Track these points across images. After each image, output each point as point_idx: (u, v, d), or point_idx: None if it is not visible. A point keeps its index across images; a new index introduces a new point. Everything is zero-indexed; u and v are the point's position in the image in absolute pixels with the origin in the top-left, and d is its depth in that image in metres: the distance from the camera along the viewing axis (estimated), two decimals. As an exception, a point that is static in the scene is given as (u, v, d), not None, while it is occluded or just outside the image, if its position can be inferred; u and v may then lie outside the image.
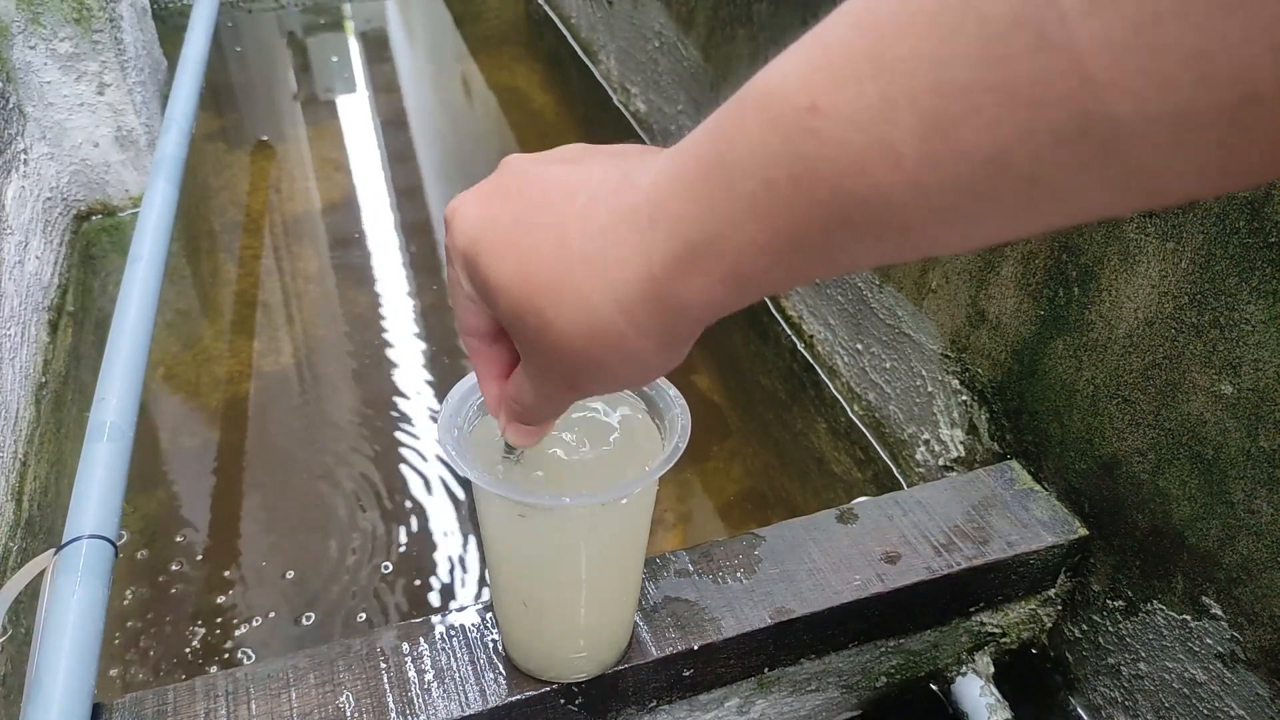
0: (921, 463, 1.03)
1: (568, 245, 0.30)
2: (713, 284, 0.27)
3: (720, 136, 0.26)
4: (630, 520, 0.55)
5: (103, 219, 1.54)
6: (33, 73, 1.39)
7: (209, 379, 1.26)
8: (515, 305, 0.31)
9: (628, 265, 0.28)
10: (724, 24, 1.35)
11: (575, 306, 0.30)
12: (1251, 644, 0.67)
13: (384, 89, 2.07)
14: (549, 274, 0.30)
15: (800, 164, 0.23)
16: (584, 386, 0.33)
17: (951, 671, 0.85)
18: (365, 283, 1.45)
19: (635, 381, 0.32)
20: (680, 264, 0.27)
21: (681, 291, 0.28)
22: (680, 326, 0.29)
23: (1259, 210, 0.60)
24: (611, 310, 0.29)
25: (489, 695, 0.62)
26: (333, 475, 1.11)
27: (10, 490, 1.00)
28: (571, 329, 0.30)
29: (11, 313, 1.12)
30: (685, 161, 0.27)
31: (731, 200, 0.25)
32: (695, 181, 0.26)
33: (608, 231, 0.29)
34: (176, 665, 0.91)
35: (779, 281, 0.27)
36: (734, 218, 0.25)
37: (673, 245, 0.27)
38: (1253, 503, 0.64)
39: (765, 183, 0.24)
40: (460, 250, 0.34)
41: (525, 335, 0.32)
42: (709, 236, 0.26)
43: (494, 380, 0.40)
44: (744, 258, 0.26)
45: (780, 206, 0.24)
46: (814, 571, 0.72)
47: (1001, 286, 0.86)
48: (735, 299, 0.28)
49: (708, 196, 0.26)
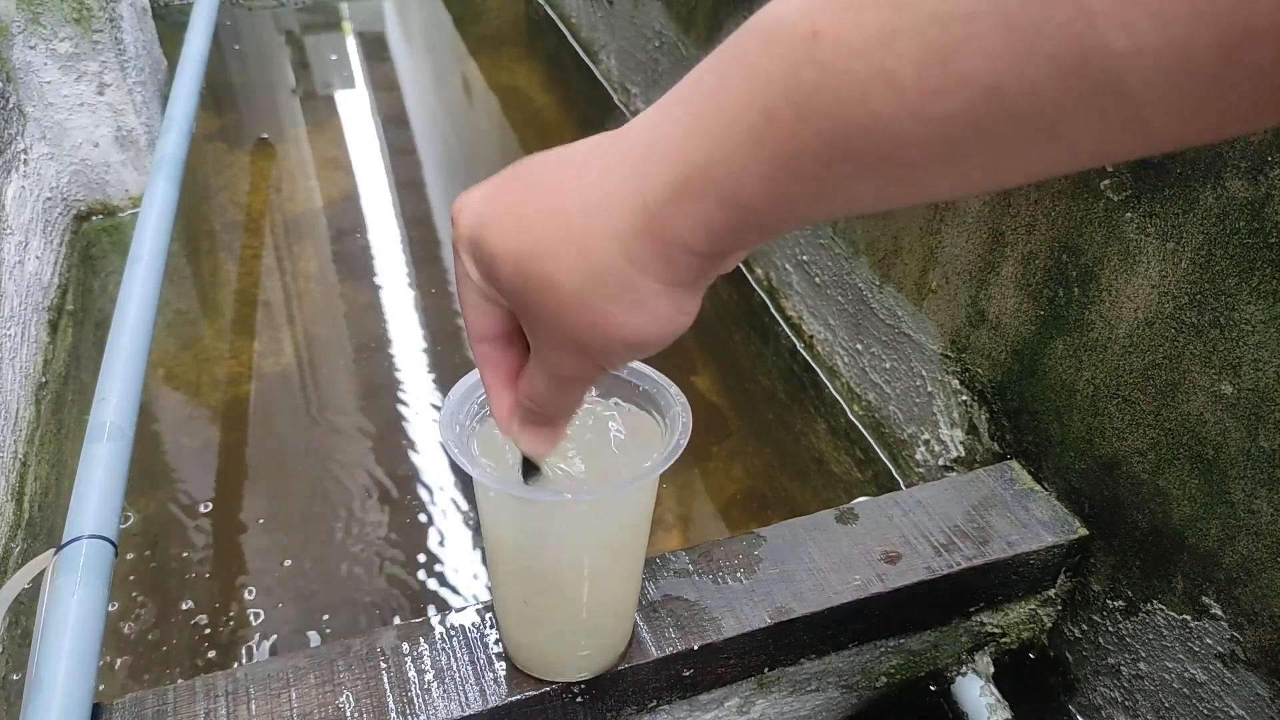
0: (921, 463, 1.03)
1: (566, 200, 0.30)
2: (709, 211, 0.27)
3: (721, 67, 0.26)
4: (630, 519, 0.55)
5: (103, 219, 1.54)
6: (33, 73, 1.39)
7: (209, 379, 1.26)
8: (518, 269, 0.31)
9: (623, 203, 0.28)
10: (724, 24, 1.35)
11: (575, 255, 0.29)
12: (1251, 644, 0.67)
13: (384, 88, 2.07)
14: (549, 230, 0.30)
15: (800, 93, 0.23)
16: (596, 352, 0.32)
17: (951, 671, 0.85)
18: (366, 282, 1.45)
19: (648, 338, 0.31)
20: (675, 191, 0.27)
21: (678, 221, 0.27)
22: (681, 261, 0.28)
23: (1259, 210, 0.60)
24: (610, 251, 0.29)
25: (489, 695, 0.62)
26: (334, 474, 1.11)
27: (10, 490, 1.00)
28: (573, 280, 0.30)
29: (11, 313, 1.12)
30: (684, 95, 0.27)
31: (730, 128, 0.25)
32: (693, 110, 0.26)
33: (605, 176, 0.29)
34: (176, 665, 0.91)
35: (777, 216, 0.26)
36: (731, 144, 0.25)
37: (667, 174, 0.27)
38: (1253, 503, 0.64)
39: (765, 112, 0.24)
40: (466, 235, 0.34)
41: (531, 302, 0.31)
42: (704, 162, 0.26)
43: (505, 389, 0.39)
44: (741, 185, 0.26)
45: (779, 135, 0.24)
46: (814, 571, 0.72)
47: (1001, 286, 0.86)
48: (731, 231, 0.27)
49: (705, 125, 0.26)
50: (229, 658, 0.92)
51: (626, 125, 0.30)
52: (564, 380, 0.35)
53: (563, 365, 0.34)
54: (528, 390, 0.37)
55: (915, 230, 0.98)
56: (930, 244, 0.96)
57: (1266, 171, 0.59)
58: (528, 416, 0.39)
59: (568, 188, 0.30)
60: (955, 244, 0.91)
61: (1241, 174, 0.61)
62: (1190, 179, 0.64)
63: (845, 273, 1.13)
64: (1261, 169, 0.59)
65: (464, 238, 0.34)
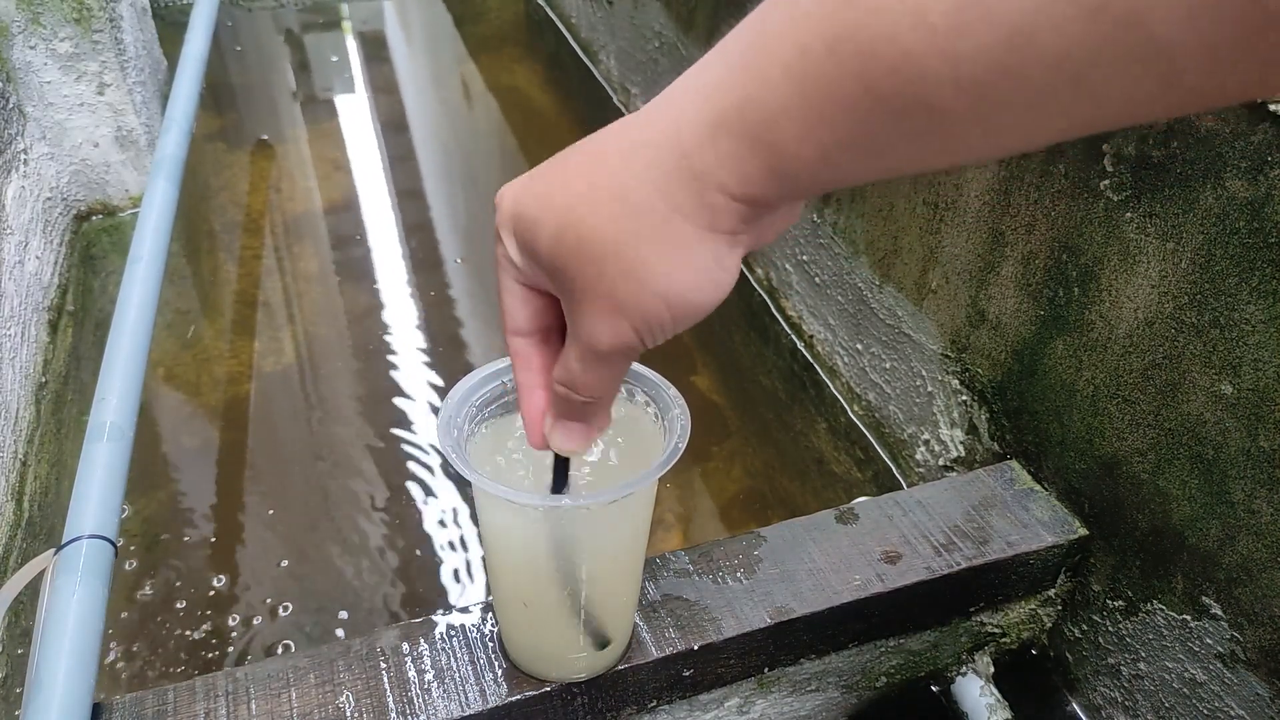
0: (921, 463, 1.03)
1: (604, 154, 0.30)
2: (741, 150, 0.27)
3: (764, 10, 0.26)
4: (630, 520, 0.55)
5: (103, 219, 1.54)
6: (33, 73, 1.39)
7: (209, 379, 1.26)
8: (556, 228, 0.31)
9: (661, 142, 0.29)
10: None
11: (611, 199, 0.29)
12: (1251, 644, 0.67)
13: (383, 89, 2.07)
14: (586, 182, 0.30)
15: (834, 28, 0.24)
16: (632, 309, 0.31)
17: (951, 671, 0.85)
18: (366, 282, 1.45)
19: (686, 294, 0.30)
20: (710, 129, 0.27)
21: (712, 158, 0.28)
22: (718, 204, 0.28)
23: (1259, 210, 0.60)
24: (647, 191, 0.29)
25: (489, 695, 0.62)
26: (334, 473, 1.11)
27: (10, 490, 1.00)
28: (611, 226, 0.30)
29: (11, 313, 1.12)
30: (728, 39, 0.28)
31: (765, 65, 0.26)
32: (731, 49, 0.27)
33: (643, 126, 0.29)
34: (176, 664, 0.91)
35: (810, 164, 0.26)
36: (765, 81, 0.26)
37: (703, 111, 0.27)
38: (1253, 503, 0.64)
39: (800, 48, 0.25)
40: (508, 213, 0.34)
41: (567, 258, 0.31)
42: (740, 100, 0.27)
43: (537, 390, 0.38)
44: (773, 123, 0.26)
45: (812, 73, 0.25)
46: (814, 571, 0.72)
47: (1001, 286, 0.86)
48: (765, 175, 0.27)
49: (742, 62, 0.27)
50: (229, 657, 0.92)
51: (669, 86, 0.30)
52: (600, 354, 0.33)
53: (599, 333, 0.32)
54: (561, 373, 0.36)
55: (915, 230, 0.98)
56: (930, 244, 0.96)
57: (1266, 171, 0.59)
58: (561, 408, 0.38)
59: (607, 145, 0.31)
60: (955, 244, 0.91)
61: (1241, 174, 0.61)
62: (1190, 179, 0.64)
63: (845, 272, 1.13)
64: (1261, 169, 0.59)
65: (505, 215, 0.34)
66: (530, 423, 0.39)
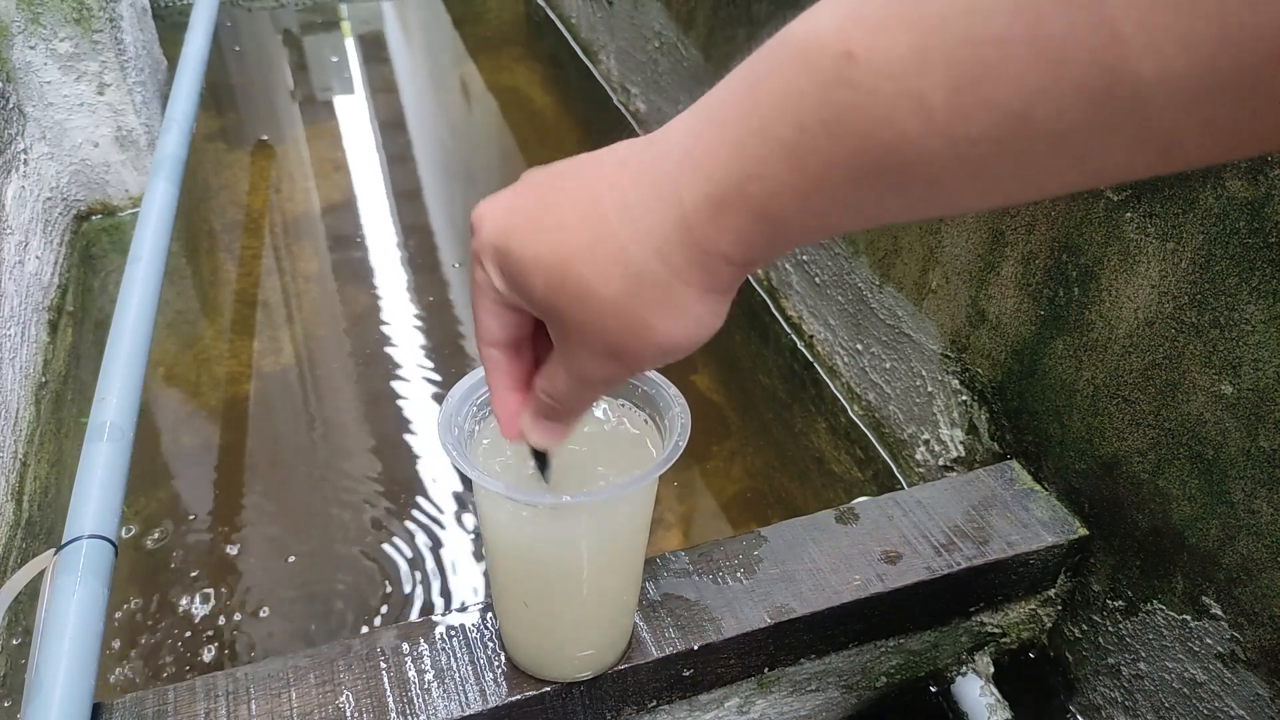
0: (921, 463, 1.03)
1: (600, 207, 0.30)
2: (744, 225, 0.27)
3: (754, 82, 0.26)
4: (630, 519, 0.55)
5: (103, 219, 1.54)
6: (33, 73, 1.39)
7: (209, 379, 1.26)
8: (551, 278, 0.31)
9: (662, 210, 0.29)
10: (724, 24, 1.35)
11: (612, 261, 0.30)
12: (1251, 644, 0.67)
13: (383, 89, 2.07)
14: (584, 237, 0.30)
15: (832, 111, 0.24)
16: (628, 357, 0.32)
17: (951, 671, 0.85)
18: (365, 282, 1.45)
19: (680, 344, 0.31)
20: (713, 204, 0.27)
21: (715, 232, 0.28)
22: (718, 270, 0.29)
23: (1259, 210, 0.60)
24: (649, 257, 0.29)
25: (489, 695, 0.62)
26: (334, 474, 1.11)
27: (10, 490, 1.00)
28: (611, 287, 0.30)
29: (11, 313, 1.12)
30: (718, 107, 0.28)
31: (763, 143, 0.26)
32: (728, 124, 0.27)
33: (640, 184, 0.29)
34: (176, 665, 0.91)
35: (809, 228, 0.27)
36: (766, 159, 0.26)
37: (706, 187, 0.27)
38: (1253, 503, 0.64)
39: (797, 127, 0.25)
40: (490, 244, 0.34)
41: (564, 308, 0.31)
42: (741, 176, 0.27)
43: (511, 392, 0.39)
44: (775, 199, 0.26)
45: (811, 151, 0.25)
46: (814, 571, 0.72)
47: (1001, 286, 0.86)
48: (767, 242, 0.28)
49: (740, 139, 0.26)
50: (229, 657, 0.92)
51: (659, 132, 0.30)
52: (589, 383, 0.35)
53: (591, 369, 0.34)
54: (548, 387, 0.37)
55: (915, 230, 0.98)
56: (930, 244, 0.96)
57: (1266, 171, 0.59)
58: (542, 410, 0.39)
59: (601, 194, 0.30)
60: (955, 244, 0.91)
61: (1241, 174, 0.61)
62: (1190, 179, 0.64)
63: (845, 272, 1.13)
64: (1261, 169, 0.59)
65: (487, 246, 0.34)
66: (504, 420, 0.40)
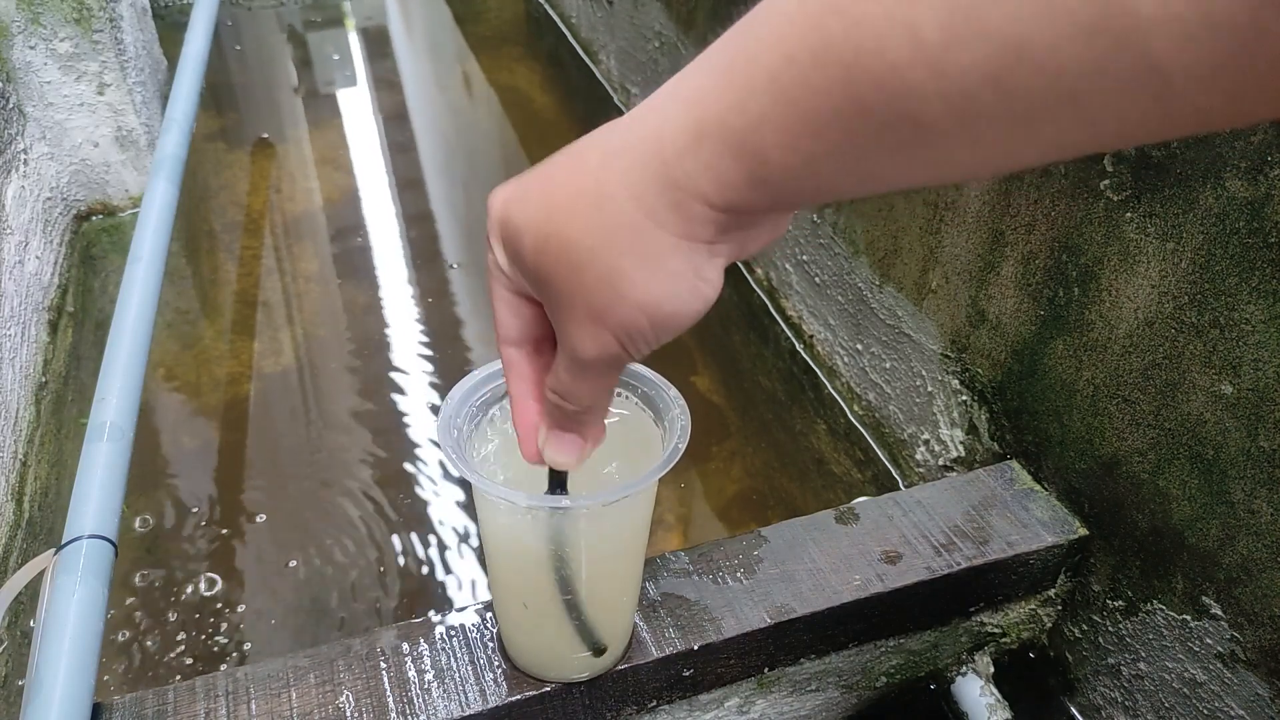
0: (921, 463, 1.03)
1: (586, 162, 0.30)
2: (723, 159, 0.27)
3: (750, 17, 0.26)
4: (630, 521, 0.55)
5: (103, 219, 1.54)
6: (33, 73, 1.39)
7: (209, 379, 1.26)
8: (537, 237, 0.31)
9: (641, 148, 0.28)
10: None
11: (591, 207, 0.29)
12: (1251, 644, 0.67)
13: (384, 89, 2.07)
14: (569, 191, 0.30)
15: (820, 37, 0.23)
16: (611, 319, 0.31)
17: (951, 671, 0.85)
18: (366, 282, 1.45)
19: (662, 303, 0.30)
20: (692, 136, 0.27)
21: (693, 168, 0.27)
22: (695, 211, 0.28)
23: (1259, 210, 0.60)
24: (624, 199, 0.28)
25: (489, 695, 0.62)
26: (334, 474, 1.11)
27: (10, 491, 1.00)
28: (589, 235, 0.29)
29: (11, 313, 1.12)
30: (714, 45, 0.27)
31: (751, 73, 0.25)
32: (717, 57, 0.27)
33: (624, 131, 0.29)
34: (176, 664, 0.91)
35: (792, 175, 0.26)
36: (751, 88, 0.25)
37: (686, 118, 0.27)
38: (1253, 503, 0.64)
39: (786, 58, 0.24)
40: (496, 219, 0.34)
41: (548, 267, 0.31)
42: (724, 107, 0.26)
43: (530, 400, 0.38)
44: (757, 132, 0.26)
45: (796, 83, 0.24)
46: (814, 571, 0.72)
47: (1001, 286, 0.86)
48: (745, 182, 0.27)
49: (727, 70, 0.26)
50: (229, 657, 0.92)
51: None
52: (586, 364, 0.33)
53: (582, 342, 0.32)
54: (553, 381, 0.36)
55: (915, 230, 0.98)
56: (930, 244, 0.96)
57: (1266, 171, 0.59)
58: (553, 417, 0.38)
59: (591, 147, 0.30)
60: (955, 244, 0.91)
61: (1241, 174, 0.61)
62: (1190, 179, 0.64)
63: (845, 272, 1.13)
64: (1261, 169, 0.59)
65: (494, 223, 0.34)
66: (523, 435, 0.39)
